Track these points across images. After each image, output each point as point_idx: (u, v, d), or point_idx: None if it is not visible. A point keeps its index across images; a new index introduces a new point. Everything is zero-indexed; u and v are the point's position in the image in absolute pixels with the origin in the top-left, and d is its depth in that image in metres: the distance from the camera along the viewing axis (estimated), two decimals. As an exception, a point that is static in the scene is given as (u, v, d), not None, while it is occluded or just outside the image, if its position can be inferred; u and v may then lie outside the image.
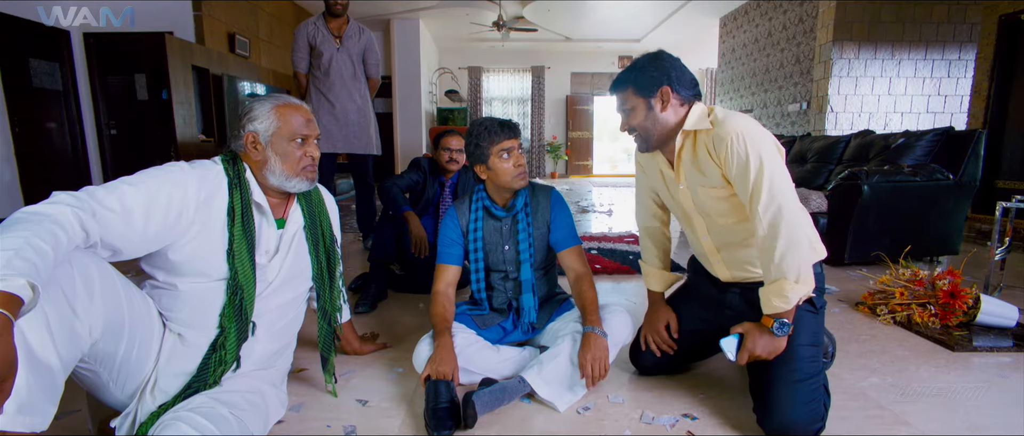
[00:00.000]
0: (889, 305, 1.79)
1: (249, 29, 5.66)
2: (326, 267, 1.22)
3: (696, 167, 1.15)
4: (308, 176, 1.13)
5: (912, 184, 2.50)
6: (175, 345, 1.00)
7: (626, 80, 1.17)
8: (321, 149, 2.86)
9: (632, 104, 1.16)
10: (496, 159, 1.40)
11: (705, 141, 1.12)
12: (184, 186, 0.97)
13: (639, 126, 1.17)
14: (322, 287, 1.22)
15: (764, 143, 1.04)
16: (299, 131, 1.10)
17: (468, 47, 9.30)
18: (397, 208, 2.13)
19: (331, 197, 1.34)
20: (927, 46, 4.94)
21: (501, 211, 1.47)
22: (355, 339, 1.53)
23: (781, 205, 1.02)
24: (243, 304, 1.02)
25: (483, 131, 1.40)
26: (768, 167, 1.02)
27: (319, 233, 1.21)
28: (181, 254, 0.98)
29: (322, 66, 2.80)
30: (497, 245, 1.48)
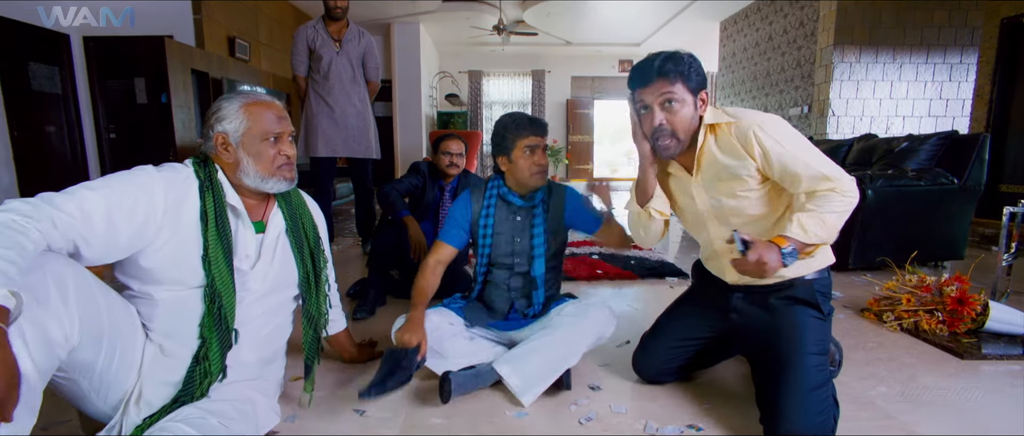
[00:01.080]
0: (895, 311, 1.77)
1: (249, 32, 5.66)
2: (312, 271, 1.20)
3: (718, 162, 1.13)
4: (285, 176, 1.11)
5: (916, 189, 2.48)
6: (157, 356, 0.98)
7: (677, 70, 1.09)
8: (321, 153, 2.88)
9: (681, 97, 1.10)
10: (519, 154, 1.41)
11: (727, 134, 1.11)
12: (150, 190, 0.94)
13: (681, 122, 1.10)
14: (308, 292, 1.19)
15: (785, 128, 1.08)
16: (271, 129, 1.07)
17: (468, 51, 9.30)
18: (396, 213, 2.11)
19: (311, 199, 1.31)
20: (928, 50, 4.92)
21: (520, 200, 1.46)
22: (352, 345, 1.50)
23: (833, 176, 1.05)
24: (222, 312, 0.99)
25: (511, 123, 1.41)
26: (803, 144, 1.06)
27: (302, 235, 1.19)
28: (153, 261, 0.95)
29: (321, 70, 2.78)
30: (508, 236, 1.46)
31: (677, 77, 1.09)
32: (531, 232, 1.46)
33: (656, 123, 1.11)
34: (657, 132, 1.12)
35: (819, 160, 1.06)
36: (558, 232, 1.49)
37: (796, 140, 1.07)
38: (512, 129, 1.41)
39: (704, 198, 1.19)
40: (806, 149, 1.06)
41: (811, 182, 1.05)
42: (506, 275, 1.48)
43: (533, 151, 1.41)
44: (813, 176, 1.05)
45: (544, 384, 1.26)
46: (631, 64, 9.40)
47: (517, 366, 1.25)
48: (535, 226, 1.45)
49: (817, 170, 1.05)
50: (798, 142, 1.07)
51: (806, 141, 1.09)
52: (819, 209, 1.03)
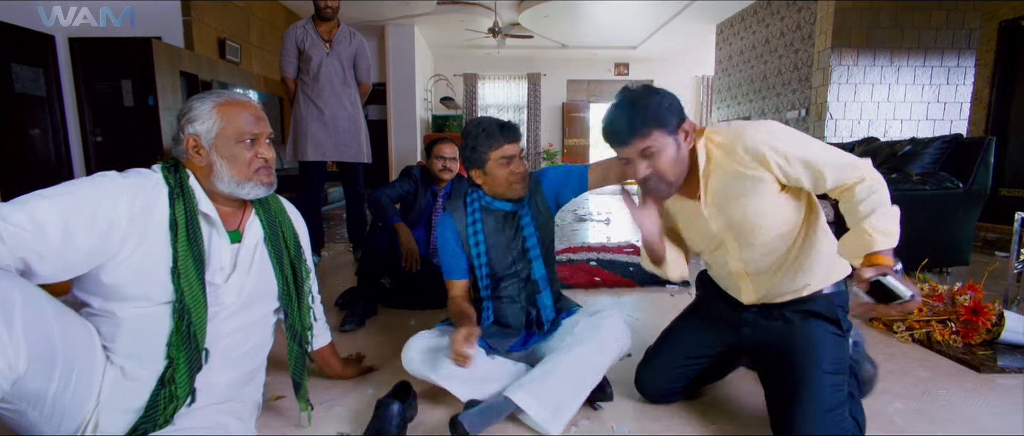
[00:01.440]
0: (906, 321, 1.70)
1: (240, 34, 5.57)
2: (293, 282, 1.11)
3: (727, 182, 1.05)
4: (263, 180, 1.03)
5: (921, 193, 2.42)
6: (118, 380, 0.89)
7: (646, 121, 1.00)
8: (310, 157, 2.79)
9: (660, 145, 1.01)
10: (495, 166, 1.30)
11: (733, 152, 1.03)
12: (113, 197, 0.86)
13: (667, 166, 1.03)
14: (289, 304, 1.11)
15: (789, 129, 1.03)
16: (247, 130, 1.00)
17: (464, 54, 9.24)
18: (387, 219, 2.02)
19: (292, 206, 1.23)
20: (926, 52, 4.90)
21: (506, 204, 1.36)
22: (337, 362, 1.42)
23: (857, 164, 1.00)
24: (192, 330, 0.91)
25: (481, 133, 1.29)
26: (812, 140, 1.02)
27: (282, 244, 1.11)
28: (117, 276, 0.87)
29: (311, 71, 2.70)
30: (503, 245, 1.37)
31: (651, 127, 1.01)
32: (522, 235, 1.36)
33: (642, 175, 1.05)
34: (646, 181, 1.05)
35: (836, 152, 1.02)
36: (545, 225, 1.41)
37: (805, 138, 1.02)
38: (483, 139, 1.28)
39: (718, 219, 1.10)
40: (819, 144, 1.02)
41: (838, 173, 0.99)
42: (516, 286, 1.38)
43: (510, 161, 1.30)
44: (840, 167, 0.99)
45: (570, 409, 1.14)
46: (627, 68, 9.37)
47: (535, 391, 1.13)
48: (524, 227, 1.36)
49: (841, 160, 1.00)
50: (808, 139, 1.02)
51: (810, 137, 1.04)
52: (876, 207, 0.97)
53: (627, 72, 9.65)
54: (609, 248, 3.35)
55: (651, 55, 9.20)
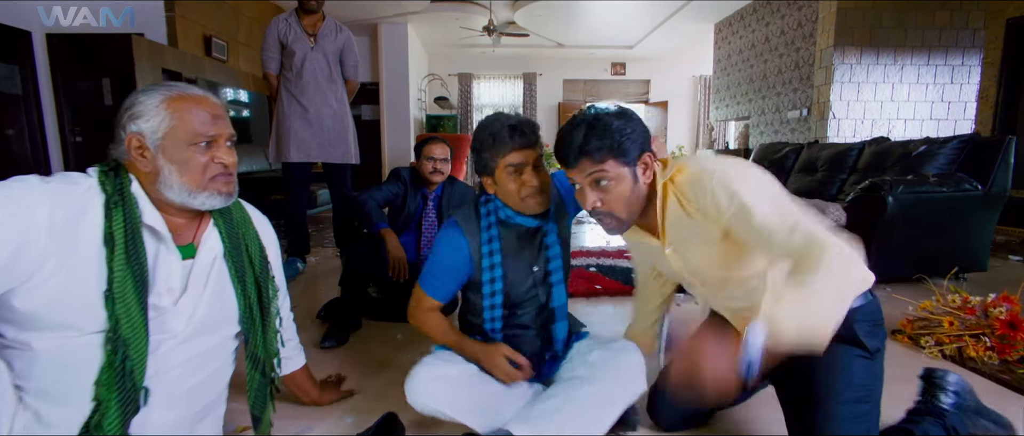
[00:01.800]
0: (935, 335, 1.57)
1: (227, 31, 5.40)
2: (257, 303, 0.97)
3: (684, 226, 0.96)
4: (221, 189, 0.88)
5: (939, 195, 2.30)
6: (30, 426, 0.74)
7: (604, 146, 0.91)
8: (293, 157, 2.63)
9: (614, 174, 0.93)
10: (503, 175, 1.10)
11: (687, 190, 0.93)
12: (29, 207, 0.72)
13: (618, 201, 0.94)
14: (252, 329, 0.96)
15: (748, 174, 0.89)
16: (202, 131, 0.85)
17: (458, 53, 9.10)
18: (372, 225, 1.87)
19: (260, 214, 1.08)
20: (929, 51, 4.80)
21: (530, 220, 1.14)
22: (311, 386, 1.27)
23: (808, 232, 0.80)
24: (128, 365, 0.76)
25: (487, 138, 1.10)
26: (774, 194, 0.87)
27: (245, 260, 0.96)
28: (32, 301, 0.72)
29: (294, 67, 2.55)
30: (522, 268, 1.14)
31: (605, 154, 0.91)
32: (547, 255, 1.15)
33: (589, 206, 0.95)
34: (593, 213, 0.97)
35: (799, 217, 0.82)
36: (568, 240, 1.24)
37: (765, 189, 0.87)
38: (489, 144, 1.09)
39: (681, 265, 1.01)
40: (779, 200, 0.85)
41: (788, 239, 0.80)
42: (532, 312, 1.17)
43: (520, 171, 1.08)
44: (789, 232, 0.80)
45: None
46: (624, 68, 9.27)
47: (540, 426, 0.99)
48: (549, 246, 1.15)
49: (796, 228, 0.80)
50: (767, 191, 0.86)
51: (780, 190, 0.88)
52: (803, 285, 0.75)
53: (624, 72, 9.54)
54: (609, 253, 3.22)
55: (648, 55, 9.09)
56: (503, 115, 1.11)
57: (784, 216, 0.82)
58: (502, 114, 1.12)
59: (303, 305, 2.24)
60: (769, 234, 0.82)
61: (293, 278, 2.64)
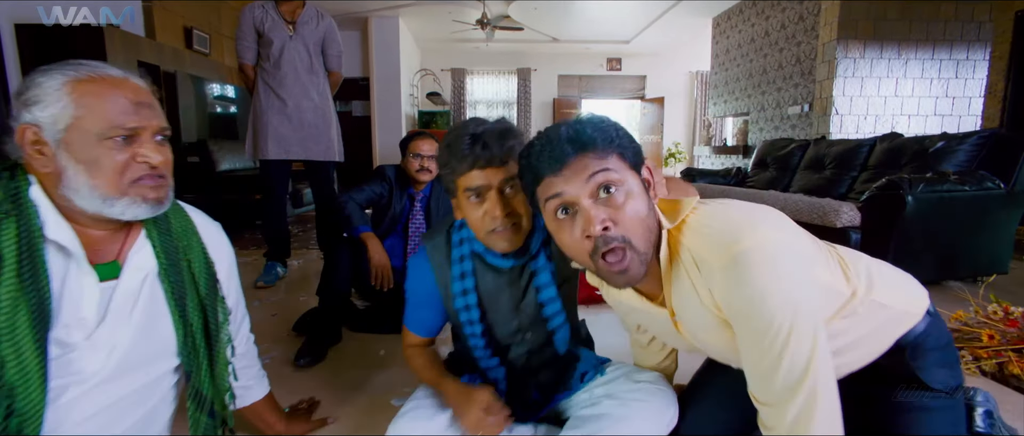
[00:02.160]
0: (970, 350, 1.43)
1: (210, 23, 5.19)
2: (201, 331, 0.80)
3: (697, 300, 0.69)
4: (147, 195, 0.72)
5: (961, 194, 2.16)
6: None
7: (605, 137, 0.68)
8: (271, 154, 2.44)
9: (623, 179, 0.67)
10: (462, 200, 0.87)
11: (697, 250, 0.67)
12: None
13: (634, 219, 0.66)
14: (194, 363, 0.79)
15: (780, 255, 0.61)
16: (119, 122, 0.68)
17: (451, 48, 8.91)
18: (353, 228, 1.71)
19: (210, 222, 0.91)
20: (934, 45, 4.68)
21: (503, 260, 0.91)
22: (276, 419, 1.10)
23: (814, 386, 0.59)
24: (13, 422, 0.60)
25: (444, 149, 0.87)
26: (790, 315, 0.59)
27: (186, 279, 0.79)
28: None
29: (272, 57, 2.37)
30: (508, 307, 0.93)
31: (608, 147, 0.67)
32: (536, 299, 0.92)
33: (596, 227, 0.64)
34: (600, 244, 0.65)
35: (817, 352, 0.60)
36: (573, 277, 0.99)
37: (794, 281, 0.61)
38: (445, 160, 0.86)
39: (693, 342, 0.77)
40: (808, 331, 0.60)
41: (786, 380, 0.60)
42: (524, 353, 0.96)
43: (480, 196, 0.84)
44: (790, 374, 0.60)
45: None
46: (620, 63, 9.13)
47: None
48: (541, 287, 0.91)
49: (800, 372, 0.59)
50: (794, 284, 0.61)
51: (812, 292, 0.63)
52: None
53: (619, 67, 9.39)
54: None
55: (644, 50, 8.94)
56: (474, 121, 0.87)
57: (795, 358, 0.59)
58: (474, 120, 0.87)
59: (281, 314, 2.07)
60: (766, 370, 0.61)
61: (272, 284, 2.47)
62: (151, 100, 0.73)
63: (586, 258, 0.67)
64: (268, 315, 2.05)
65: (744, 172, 4.14)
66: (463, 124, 0.87)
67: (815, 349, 0.59)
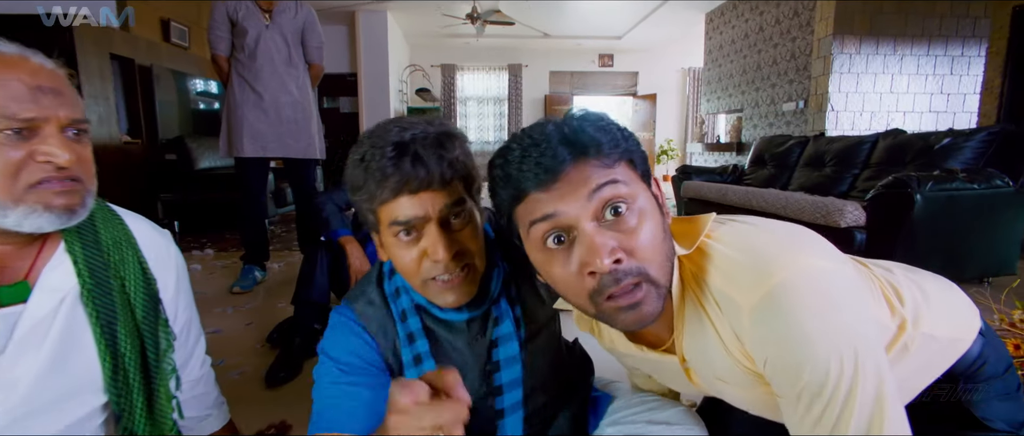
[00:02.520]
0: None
1: (188, 15, 4.99)
2: (136, 362, 0.67)
3: (711, 347, 0.56)
4: (52, 202, 0.59)
5: (970, 193, 2.08)
6: None
7: (611, 141, 0.52)
8: (247, 152, 2.29)
9: (631, 190, 0.51)
10: (388, 237, 0.62)
11: (716, 283, 0.53)
12: None
13: (654, 246, 0.51)
14: (126, 401, 0.66)
15: (829, 287, 0.48)
16: (9, 112, 0.55)
17: (441, 43, 8.75)
18: (331, 231, 1.58)
19: (153, 229, 0.77)
20: (930, 41, 4.63)
21: (455, 314, 0.67)
22: (239, 453, 0.97)
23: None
24: None
25: (356, 166, 0.60)
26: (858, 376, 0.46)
27: (117, 301, 0.66)
28: None
29: (246, 47, 2.22)
30: (472, 373, 0.70)
31: (615, 152, 0.52)
32: (495, 358, 0.68)
33: (605, 260, 0.48)
34: (608, 283, 0.49)
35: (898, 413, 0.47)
36: (550, 323, 0.77)
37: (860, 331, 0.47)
38: (359, 181, 0.60)
39: (705, 385, 0.64)
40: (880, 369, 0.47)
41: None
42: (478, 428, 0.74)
43: (414, 231, 0.60)
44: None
45: None
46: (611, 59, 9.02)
47: None
48: (499, 340, 0.68)
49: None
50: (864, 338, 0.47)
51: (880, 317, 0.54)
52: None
53: (611, 63, 9.30)
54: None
55: (637, 46, 8.86)
56: (395, 123, 0.61)
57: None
58: (396, 122, 0.61)
59: (257, 322, 1.93)
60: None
61: (249, 289, 2.32)
62: (59, 85, 0.60)
63: (584, 300, 0.51)
64: (242, 324, 1.92)
65: (741, 169, 4.06)
66: (380, 129, 0.61)
67: (884, 402, 0.47)
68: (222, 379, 1.45)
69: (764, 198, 2.73)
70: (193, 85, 4.95)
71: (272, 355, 1.57)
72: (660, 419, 0.73)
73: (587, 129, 0.51)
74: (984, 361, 0.66)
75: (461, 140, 0.63)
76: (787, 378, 0.48)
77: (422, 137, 0.59)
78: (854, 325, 0.48)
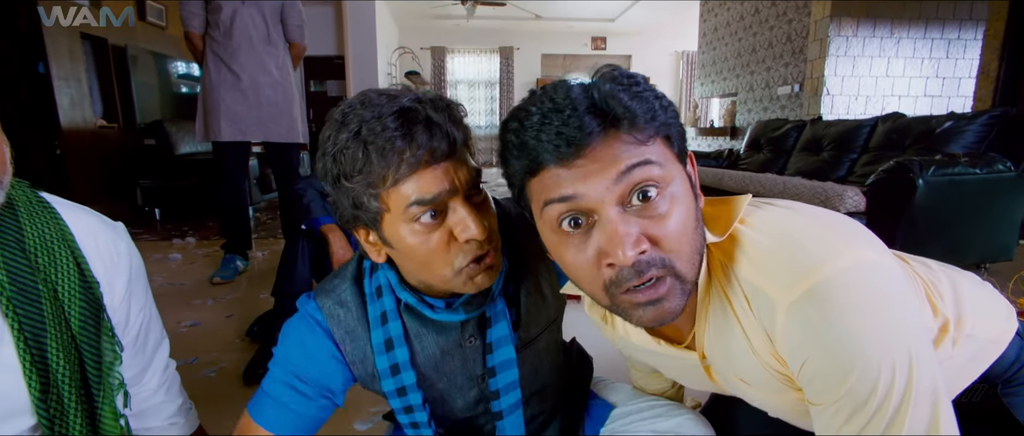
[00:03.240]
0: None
1: (166, -6, 4.77)
2: (72, 380, 0.58)
3: (732, 336, 0.50)
4: None
5: (971, 177, 2.03)
6: None
7: (647, 112, 0.44)
8: (224, 135, 2.18)
9: (665, 172, 0.44)
10: (401, 225, 0.52)
11: (747, 275, 0.46)
12: None
13: (685, 237, 0.44)
14: (59, 424, 0.58)
15: (879, 285, 0.41)
16: None
17: (431, 25, 8.55)
18: (313, 220, 1.49)
19: (102, 223, 0.67)
20: (926, 24, 4.57)
21: (451, 314, 0.59)
22: (208, 462, 0.90)
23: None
24: None
25: (351, 144, 0.50)
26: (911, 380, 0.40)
27: (47, 310, 0.57)
28: None
29: (221, 25, 2.09)
30: (459, 376, 0.64)
31: (651, 125, 0.44)
32: (490, 364, 0.62)
33: (628, 252, 0.41)
34: (629, 276, 0.43)
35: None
36: (551, 324, 0.69)
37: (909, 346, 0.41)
38: (355, 162, 0.50)
39: (725, 383, 0.58)
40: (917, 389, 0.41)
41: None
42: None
43: (441, 210, 0.52)
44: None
45: None
46: (604, 42, 8.89)
47: None
48: (494, 344, 0.61)
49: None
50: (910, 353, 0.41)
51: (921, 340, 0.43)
52: None
53: (604, 46, 9.16)
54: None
55: (630, 29, 8.72)
56: (377, 94, 0.53)
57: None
58: (377, 92, 0.53)
59: (238, 314, 1.85)
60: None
61: (230, 280, 2.23)
62: None
63: (598, 290, 0.45)
64: (222, 316, 1.83)
65: (736, 154, 4.00)
66: (364, 100, 0.52)
67: (940, 412, 0.41)
68: (197, 377, 1.37)
69: (761, 183, 2.68)
70: (174, 67, 4.77)
71: (252, 350, 1.49)
72: (665, 428, 0.67)
73: (621, 96, 0.43)
74: (1023, 364, 0.61)
75: (459, 106, 0.56)
76: (826, 385, 0.43)
77: (429, 101, 0.52)
78: (909, 326, 0.42)
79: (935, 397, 0.41)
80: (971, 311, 0.57)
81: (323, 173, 0.53)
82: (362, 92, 0.55)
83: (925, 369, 0.41)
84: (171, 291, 2.13)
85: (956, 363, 0.57)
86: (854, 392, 0.40)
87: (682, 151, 0.47)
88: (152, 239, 3.22)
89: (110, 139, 3.86)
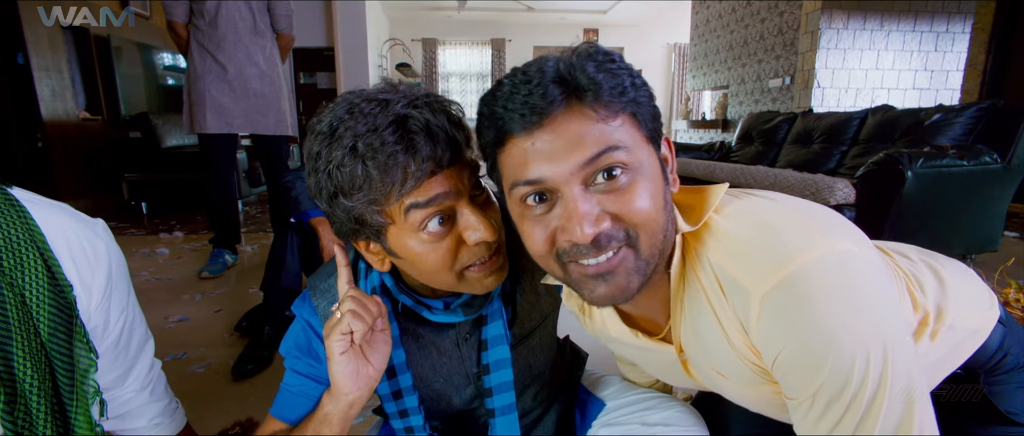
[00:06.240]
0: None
1: (150, -16, 4.67)
2: (41, 389, 0.56)
3: (708, 327, 0.49)
4: None
5: (958, 169, 2.05)
6: None
7: (614, 86, 0.43)
8: (211, 128, 2.13)
9: (631, 156, 0.43)
10: (410, 235, 0.51)
11: (722, 263, 0.46)
12: None
13: (650, 216, 0.44)
14: (26, 433, 0.56)
15: (855, 275, 0.41)
16: None
17: (421, 16, 8.46)
18: (302, 212, 1.47)
19: (78, 220, 0.64)
20: (916, 17, 4.60)
21: (450, 315, 0.59)
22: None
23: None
24: None
25: (346, 159, 0.48)
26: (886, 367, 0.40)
27: (13, 316, 0.55)
28: None
29: (206, 14, 2.05)
30: (458, 375, 0.64)
31: (617, 100, 0.43)
32: (485, 361, 0.61)
33: (585, 229, 0.42)
34: (582, 251, 0.44)
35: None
36: (546, 318, 0.69)
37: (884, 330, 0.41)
38: (354, 178, 0.48)
39: (704, 379, 0.57)
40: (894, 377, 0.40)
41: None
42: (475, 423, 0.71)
43: (449, 215, 0.51)
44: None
45: None
46: (597, 34, 8.87)
47: None
48: (489, 342, 0.61)
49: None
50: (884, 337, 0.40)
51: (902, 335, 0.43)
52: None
53: (597, 39, 9.12)
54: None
55: (622, 21, 8.70)
56: (359, 96, 0.50)
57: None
58: (357, 94, 0.51)
59: (227, 309, 1.83)
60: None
61: (219, 274, 2.21)
62: None
63: (550, 260, 0.46)
64: (210, 311, 1.81)
65: (727, 146, 4.01)
66: (349, 109, 0.48)
67: (914, 405, 0.40)
68: (185, 373, 1.35)
69: (752, 175, 2.69)
70: (160, 58, 4.68)
71: (241, 345, 1.48)
72: (656, 420, 0.66)
73: (587, 66, 0.43)
74: (1006, 352, 0.61)
75: (454, 103, 0.55)
76: (801, 378, 0.42)
77: (424, 102, 0.50)
78: (885, 318, 0.41)
79: (910, 391, 0.40)
80: (954, 302, 0.57)
81: (317, 190, 0.50)
82: (345, 99, 0.51)
83: (901, 361, 0.40)
84: (159, 286, 2.10)
85: (938, 353, 0.57)
86: (828, 384, 0.40)
87: (655, 133, 0.47)
88: (139, 234, 3.17)
89: (94, 132, 3.78)
